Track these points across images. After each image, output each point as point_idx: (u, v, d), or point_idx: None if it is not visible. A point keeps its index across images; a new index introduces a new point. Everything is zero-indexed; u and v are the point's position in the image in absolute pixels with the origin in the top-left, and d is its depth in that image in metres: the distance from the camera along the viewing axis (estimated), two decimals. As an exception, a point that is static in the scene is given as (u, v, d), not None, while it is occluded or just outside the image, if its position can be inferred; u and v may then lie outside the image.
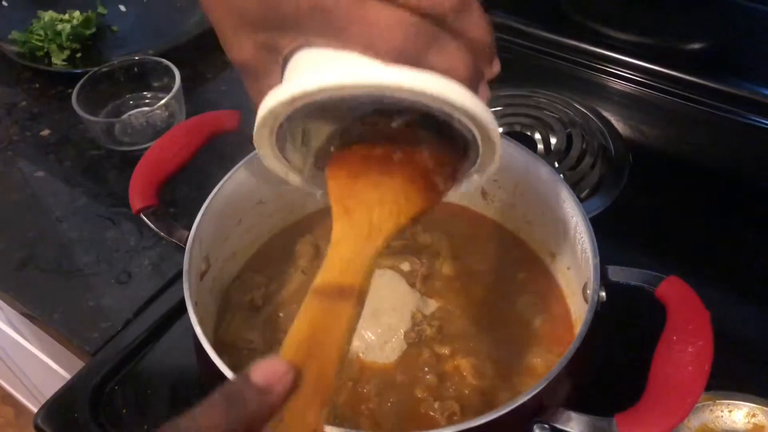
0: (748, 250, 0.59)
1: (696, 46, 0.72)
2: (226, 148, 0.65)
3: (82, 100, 0.68)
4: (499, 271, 0.51)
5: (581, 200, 0.61)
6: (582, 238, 0.43)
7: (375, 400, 0.44)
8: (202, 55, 0.80)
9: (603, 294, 0.41)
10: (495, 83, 0.80)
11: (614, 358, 0.44)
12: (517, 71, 0.77)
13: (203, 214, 0.45)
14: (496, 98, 0.71)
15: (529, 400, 0.35)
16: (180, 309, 0.53)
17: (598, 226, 0.50)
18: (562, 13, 0.77)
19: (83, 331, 0.55)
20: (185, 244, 0.43)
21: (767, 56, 0.68)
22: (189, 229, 0.44)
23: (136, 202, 0.46)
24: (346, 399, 0.44)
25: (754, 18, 0.66)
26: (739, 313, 0.54)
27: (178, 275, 0.45)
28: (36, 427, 0.50)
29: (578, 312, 0.46)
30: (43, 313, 0.57)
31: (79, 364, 0.55)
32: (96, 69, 0.71)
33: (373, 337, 0.46)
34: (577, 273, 0.46)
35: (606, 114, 0.70)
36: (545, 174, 0.46)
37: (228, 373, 0.37)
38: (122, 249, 0.61)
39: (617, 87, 0.73)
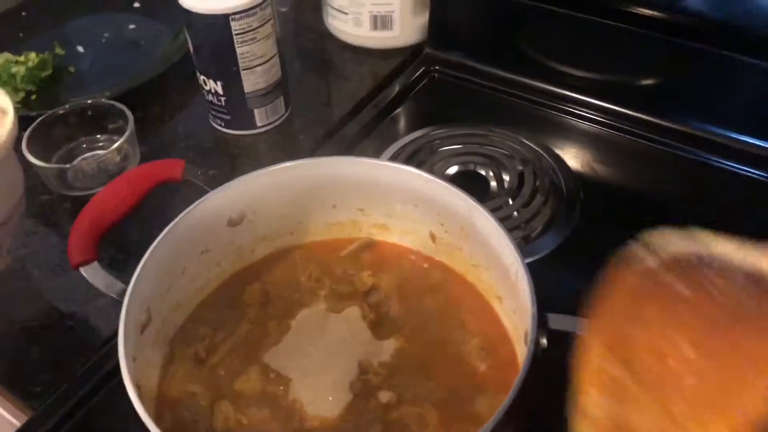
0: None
1: (647, 83, 0.73)
2: (178, 191, 0.65)
3: (34, 145, 0.67)
4: (448, 315, 0.51)
5: (533, 238, 0.62)
6: (522, 285, 0.43)
7: (320, 454, 0.43)
8: (160, 96, 0.80)
9: (544, 341, 0.41)
10: (451, 122, 0.81)
11: (558, 404, 0.44)
12: (472, 109, 0.78)
13: (142, 267, 0.44)
14: (451, 137, 0.72)
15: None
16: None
17: (549, 264, 0.51)
18: (516, 52, 0.78)
19: (26, 385, 0.54)
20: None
21: (716, 95, 0.69)
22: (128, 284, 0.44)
23: (75, 256, 0.45)
24: (290, 454, 0.43)
25: (703, 58, 0.67)
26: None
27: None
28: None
29: (524, 357, 0.46)
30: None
31: (22, 419, 0.53)
32: (48, 113, 0.70)
33: (318, 391, 0.46)
34: (521, 317, 0.46)
35: (558, 151, 0.70)
36: (486, 221, 0.46)
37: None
38: (70, 298, 0.60)
39: (570, 123, 0.74)
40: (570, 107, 0.75)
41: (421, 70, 0.81)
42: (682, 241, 0.34)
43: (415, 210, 0.53)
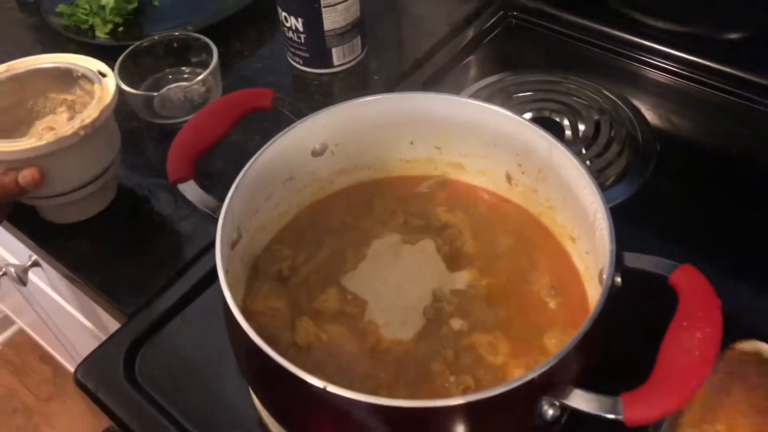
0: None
1: (732, 36, 0.71)
2: (260, 124, 0.68)
3: (124, 74, 0.70)
4: (520, 253, 0.52)
5: (606, 187, 0.63)
6: (601, 224, 0.44)
7: (392, 372, 0.46)
8: (239, 32, 0.82)
9: (618, 279, 0.42)
10: (526, 68, 0.81)
11: (626, 341, 0.45)
12: (548, 56, 0.77)
13: (235, 189, 0.47)
14: (526, 83, 0.71)
15: (538, 376, 0.36)
16: (211, 277, 0.56)
17: (621, 213, 0.51)
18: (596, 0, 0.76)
19: (121, 295, 0.58)
20: (218, 215, 0.45)
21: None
22: (222, 201, 0.46)
23: (173, 174, 0.48)
24: (364, 369, 0.46)
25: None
26: (759, 304, 0.54)
27: (210, 245, 0.48)
28: (76, 381, 0.53)
29: (595, 296, 0.47)
30: (84, 276, 0.60)
31: (114, 327, 0.58)
32: (137, 43, 0.73)
33: (392, 315, 0.48)
34: (594, 258, 0.47)
35: (636, 102, 0.70)
36: (568, 161, 0.47)
37: (254, 337, 0.39)
38: (158, 219, 0.63)
39: (649, 76, 0.73)
40: (650, 58, 0.73)
41: (498, 15, 0.80)
42: None
43: (493, 149, 0.53)
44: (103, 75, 0.60)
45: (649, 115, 0.69)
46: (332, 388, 0.36)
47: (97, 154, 0.60)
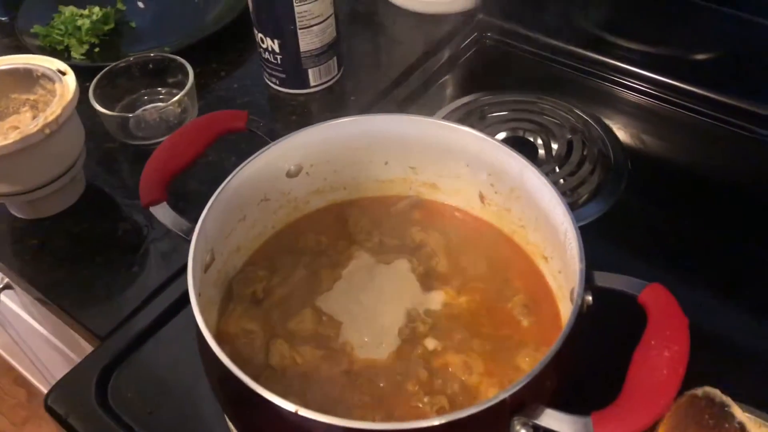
0: (740, 260, 0.60)
1: (702, 57, 0.73)
2: (236, 145, 0.68)
3: (99, 95, 0.70)
4: (494, 272, 0.53)
5: (579, 205, 0.63)
6: (571, 244, 0.44)
7: (367, 393, 0.46)
8: (217, 53, 0.82)
9: (589, 298, 0.43)
10: (500, 89, 0.82)
11: (597, 360, 0.46)
12: (522, 77, 0.78)
13: (208, 210, 0.47)
14: (501, 103, 0.72)
15: (509, 396, 0.37)
16: (185, 299, 0.55)
17: (594, 230, 0.52)
18: (569, 21, 0.78)
19: (93, 317, 0.58)
20: (191, 238, 0.45)
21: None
22: (195, 223, 0.46)
23: (145, 197, 0.48)
24: (339, 391, 0.46)
25: (760, 32, 0.67)
26: (731, 321, 0.55)
27: (185, 267, 0.47)
28: (46, 407, 0.52)
29: (567, 315, 0.47)
30: (56, 298, 0.60)
31: (88, 349, 0.57)
32: (113, 64, 0.73)
33: (367, 335, 0.48)
34: (566, 277, 0.47)
35: (608, 122, 0.71)
36: (538, 181, 0.48)
37: (226, 361, 0.39)
38: (133, 240, 0.63)
39: (621, 96, 0.75)
40: (620, 78, 0.75)
41: (472, 37, 0.82)
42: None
43: (466, 170, 0.54)
44: (63, 73, 0.63)
45: (621, 135, 0.70)
46: (303, 412, 0.36)
47: (62, 150, 0.63)
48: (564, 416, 0.37)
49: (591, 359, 0.44)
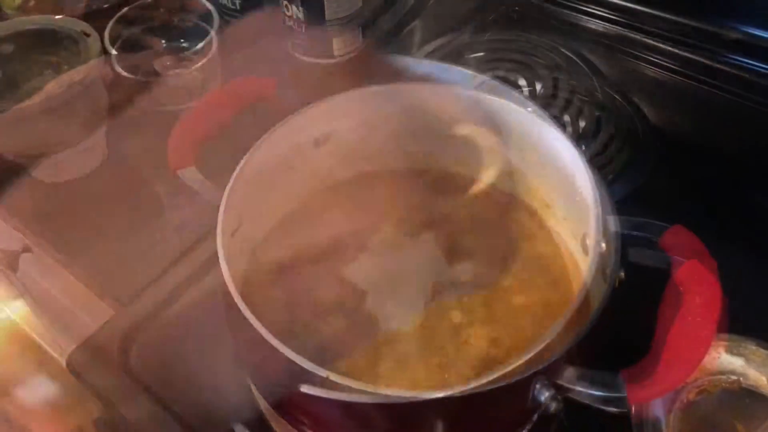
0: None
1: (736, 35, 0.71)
2: (260, 114, 0.67)
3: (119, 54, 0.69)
4: (521, 248, 0.52)
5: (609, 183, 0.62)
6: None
7: (392, 364, 0.46)
8: (239, 21, 0.81)
9: (622, 274, 0.42)
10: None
11: (624, 316, 0.44)
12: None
13: (236, 177, 0.46)
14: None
15: (533, 356, 0.36)
16: (208, 266, 0.55)
17: (619, 212, 0.51)
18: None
19: (116, 282, 0.57)
20: (219, 203, 0.45)
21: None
22: (223, 189, 0.46)
23: (175, 159, 0.48)
24: (364, 362, 0.45)
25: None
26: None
27: (209, 232, 0.47)
28: (68, 365, 0.52)
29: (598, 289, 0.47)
30: (78, 261, 0.59)
31: (107, 316, 0.57)
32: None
33: (392, 306, 0.48)
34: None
35: (637, 100, 0.70)
36: (575, 162, 0.47)
37: (253, 321, 0.39)
38: (154, 206, 0.63)
39: (652, 73, 0.73)
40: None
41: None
42: None
43: (497, 142, 0.53)
44: (87, 35, 0.63)
45: (650, 113, 0.69)
46: (335, 377, 0.36)
47: (85, 112, 0.62)
48: (592, 374, 0.36)
49: (618, 315, 0.42)
